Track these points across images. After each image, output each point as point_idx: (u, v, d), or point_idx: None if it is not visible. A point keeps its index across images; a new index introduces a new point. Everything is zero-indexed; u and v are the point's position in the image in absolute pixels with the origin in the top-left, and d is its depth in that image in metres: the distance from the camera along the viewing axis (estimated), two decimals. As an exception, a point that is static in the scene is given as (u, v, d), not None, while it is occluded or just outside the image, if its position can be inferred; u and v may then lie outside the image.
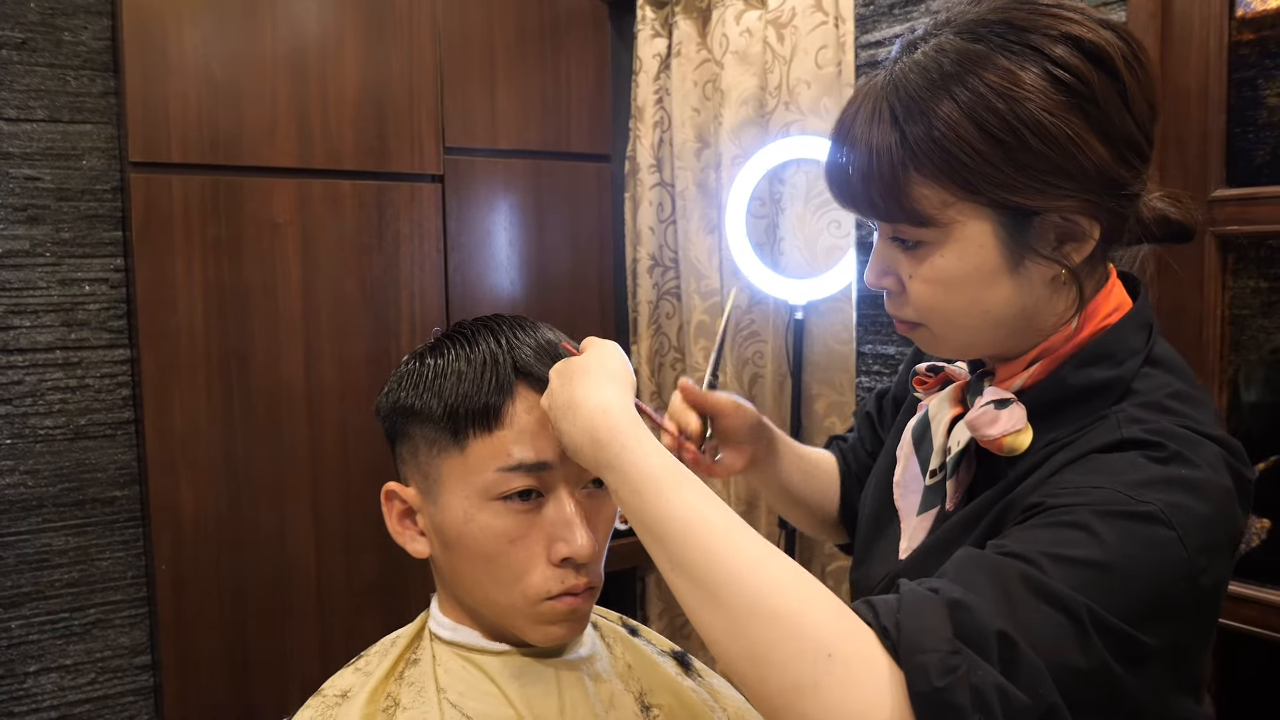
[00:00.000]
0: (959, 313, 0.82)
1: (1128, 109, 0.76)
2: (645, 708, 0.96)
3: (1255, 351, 1.50)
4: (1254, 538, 1.53)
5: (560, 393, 0.80)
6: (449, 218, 2.29)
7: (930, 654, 0.62)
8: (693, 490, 0.71)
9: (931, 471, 0.92)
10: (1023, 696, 0.62)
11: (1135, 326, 0.83)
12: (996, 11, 0.78)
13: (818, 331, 2.13)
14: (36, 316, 2.02)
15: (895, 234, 0.83)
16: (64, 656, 2.08)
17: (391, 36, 2.18)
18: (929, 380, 0.97)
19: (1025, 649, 0.63)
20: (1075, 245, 0.79)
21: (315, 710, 0.91)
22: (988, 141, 0.75)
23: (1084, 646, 0.65)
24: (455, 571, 0.89)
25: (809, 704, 0.63)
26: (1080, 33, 0.76)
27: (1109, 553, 0.68)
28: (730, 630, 0.67)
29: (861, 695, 0.62)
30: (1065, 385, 0.82)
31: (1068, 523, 0.70)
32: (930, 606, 0.65)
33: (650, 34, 2.44)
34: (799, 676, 0.63)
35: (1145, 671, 0.69)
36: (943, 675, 0.61)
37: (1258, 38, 1.45)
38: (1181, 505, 0.70)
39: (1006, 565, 0.68)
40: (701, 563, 0.69)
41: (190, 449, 2.02)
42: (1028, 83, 0.74)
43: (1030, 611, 0.65)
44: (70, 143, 2.03)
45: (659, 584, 2.59)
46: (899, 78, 0.79)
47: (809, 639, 0.64)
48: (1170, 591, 0.69)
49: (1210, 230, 1.48)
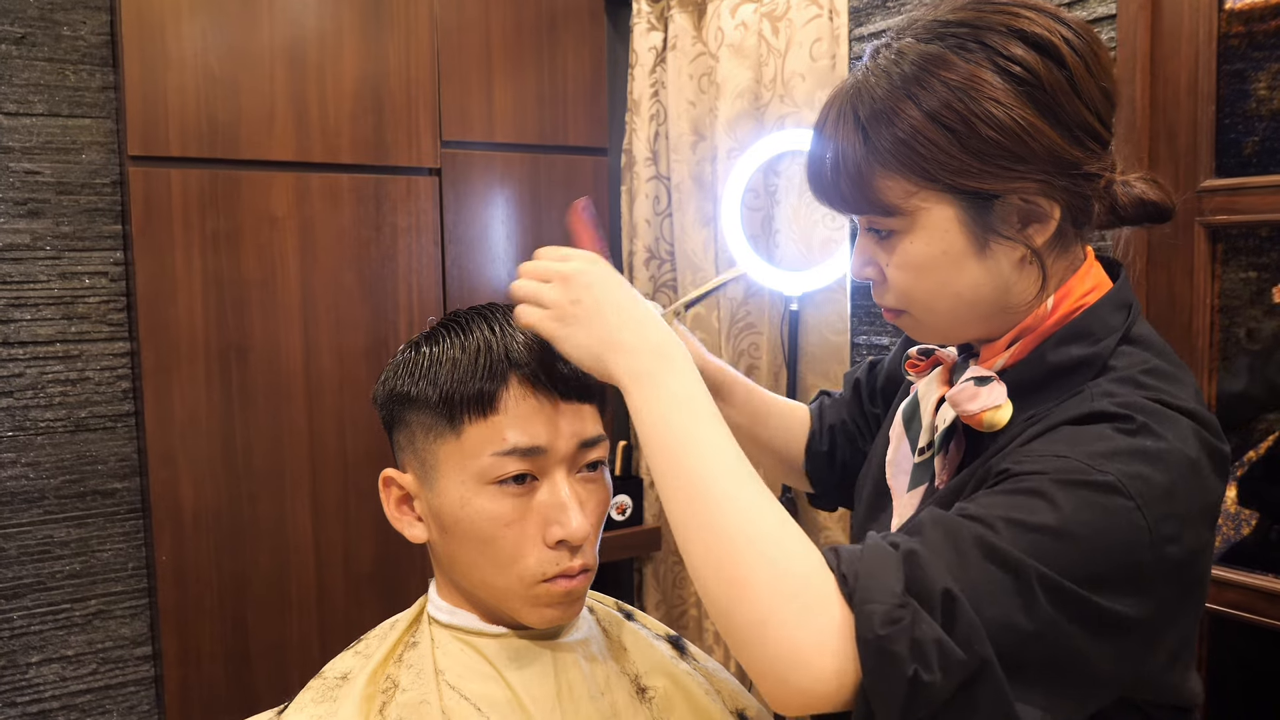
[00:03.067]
0: (932, 296, 0.86)
1: (1077, 95, 0.81)
2: (641, 690, 0.98)
3: (1244, 341, 1.52)
4: (1243, 525, 1.55)
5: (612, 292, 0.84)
6: (446, 211, 2.30)
7: (878, 604, 0.68)
8: (717, 421, 0.78)
9: (920, 449, 0.95)
10: (959, 651, 0.67)
11: (1114, 306, 0.86)
12: (955, 13, 0.84)
13: (813, 323, 2.14)
14: (37, 310, 2.04)
15: (870, 225, 0.88)
16: (65, 647, 2.09)
17: (389, 30, 2.19)
18: (920, 363, 1.00)
19: (966, 607, 0.68)
20: (1038, 226, 0.83)
21: (316, 692, 0.92)
22: (943, 133, 0.80)
23: (1028, 607, 0.69)
24: (452, 556, 0.91)
25: (771, 639, 0.70)
26: (1027, 27, 0.81)
27: (1063, 519, 0.71)
28: (713, 556, 0.74)
29: (816, 634, 0.69)
30: (1045, 362, 0.85)
31: (1027, 489, 0.73)
32: (886, 559, 0.71)
33: (646, 27, 2.45)
34: (766, 612, 0.70)
35: (1118, 641, 0.72)
36: (886, 625, 0.67)
37: (1247, 30, 1.46)
38: (1140, 475, 0.73)
39: (964, 527, 0.72)
40: (700, 484, 0.76)
41: (190, 441, 2.03)
42: (978, 76, 0.80)
43: (979, 572, 0.69)
44: (70, 137, 2.04)
45: (656, 574, 2.61)
46: (862, 82, 0.85)
47: (779, 575, 0.71)
48: (1134, 560, 0.72)
49: (1199, 220, 1.50)
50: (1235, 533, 1.54)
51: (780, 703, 0.71)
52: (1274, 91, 1.44)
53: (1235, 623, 1.51)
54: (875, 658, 0.67)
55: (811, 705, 0.70)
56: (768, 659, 0.70)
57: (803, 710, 0.70)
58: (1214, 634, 1.55)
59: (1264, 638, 1.50)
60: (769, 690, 0.71)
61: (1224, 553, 1.55)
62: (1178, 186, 1.52)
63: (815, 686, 0.69)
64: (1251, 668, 1.57)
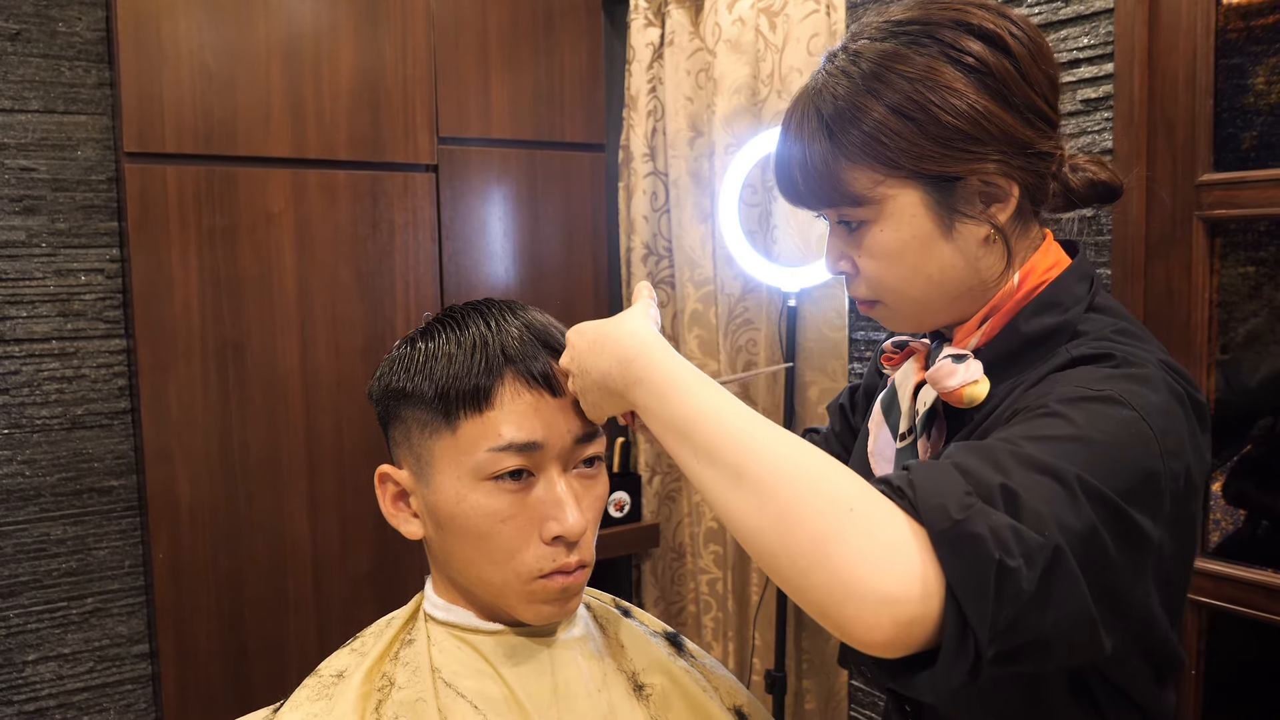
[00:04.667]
0: (905, 281, 0.90)
1: (1025, 80, 0.86)
2: (638, 687, 0.97)
3: (1242, 335, 1.51)
4: (1224, 522, 1.56)
5: (583, 342, 0.86)
6: (443, 207, 2.30)
7: (947, 497, 0.65)
8: (714, 389, 0.77)
9: (901, 435, 0.97)
10: (1035, 535, 0.65)
11: (1077, 278, 0.91)
12: (905, 13, 0.89)
13: (810, 319, 2.14)
14: (33, 307, 2.03)
15: (841, 218, 0.92)
16: (62, 645, 2.09)
17: (385, 26, 2.19)
18: (895, 356, 1.03)
19: (1027, 499, 0.66)
20: (999, 205, 0.88)
21: (311, 690, 0.92)
22: (905, 123, 0.84)
23: (1074, 506, 0.68)
24: (448, 552, 0.91)
25: (835, 554, 0.64)
26: (976, 21, 0.86)
27: (1083, 429, 0.73)
28: (757, 502, 0.69)
29: (886, 540, 0.64)
30: (1019, 334, 0.89)
31: (1039, 413, 0.76)
32: (938, 468, 0.69)
33: (643, 23, 2.45)
34: (824, 529, 0.65)
35: (1139, 559, 0.73)
36: (961, 510, 0.64)
37: (1245, 23, 1.46)
38: (1136, 392, 0.76)
39: (994, 445, 0.72)
40: (727, 444, 0.72)
41: (187, 438, 2.03)
42: (934, 68, 0.85)
43: (1024, 478, 0.68)
44: (65, 133, 2.04)
45: (655, 571, 2.61)
46: (823, 85, 0.89)
47: (831, 496, 0.66)
48: (1149, 469, 0.73)
49: (1198, 214, 1.49)
50: (1234, 526, 1.54)
51: (862, 625, 0.63)
52: (1272, 85, 1.44)
53: (1225, 614, 1.51)
54: (956, 544, 0.63)
55: (899, 619, 0.62)
56: (840, 577, 0.63)
57: (891, 633, 0.63)
58: (1208, 627, 1.55)
59: (1255, 630, 1.50)
60: (847, 613, 0.63)
61: (1215, 547, 1.55)
62: (1176, 181, 1.52)
63: (899, 591, 0.62)
64: (1241, 660, 1.57)
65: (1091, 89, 1.58)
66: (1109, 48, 1.55)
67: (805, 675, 2.24)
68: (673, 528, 2.55)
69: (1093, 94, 1.58)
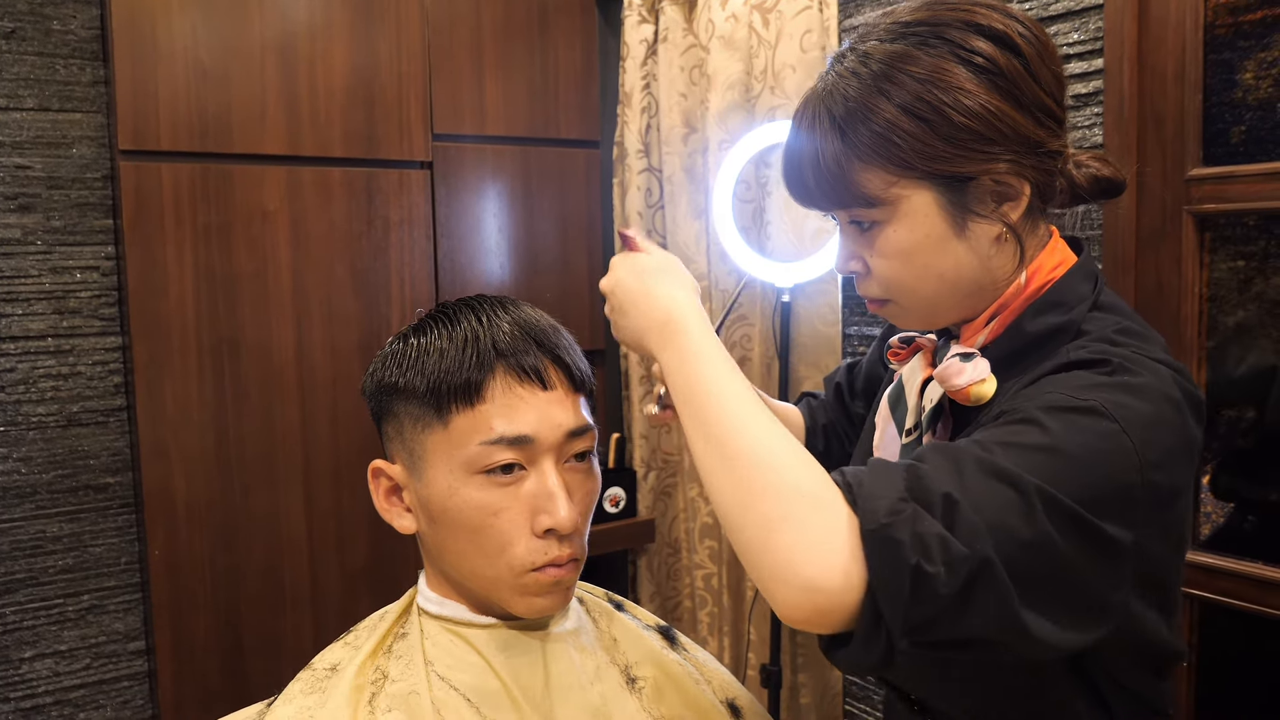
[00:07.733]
0: (918, 280, 0.90)
1: (1034, 79, 0.87)
2: (630, 680, 0.98)
3: (1232, 328, 1.52)
4: (1214, 515, 1.56)
5: (633, 283, 0.92)
6: (438, 204, 2.30)
7: (881, 500, 0.71)
8: (729, 369, 0.83)
9: (907, 430, 0.98)
10: (961, 546, 0.69)
11: (1082, 277, 0.91)
12: (912, 14, 0.89)
13: (804, 314, 2.15)
14: (28, 304, 2.03)
15: (852, 218, 0.92)
16: (59, 642, 2.10)
17: (379, 23, 2.19)
18: (902, 351, 1.03)
19: (967, 509, 0.70)
20: (1011, 204, 0.88)
21: (305, 684, 0.93)
22: (917, 124, 0.84)
23: (1027, 516, 0.71)
24: (441, 546, 0.91)
25: (779, 537, 0.72)
26: (983, 21, 0.86)
27: (1056, 440, 0.74)
28: (730, 479, 0.77)
29: (821, 530, 0.71)
30: (1024, 333, 0.89)
31: (1018, 419, 0.77)
32: (889, 469, 0.75)
33: (637, 20, 2.45)
34: (772, 512, 0.73)
35: (1113, 566, 0.75)
36: (888, 515, 0.70)
37: (1233, 19, 1.46)
38: (1123, 403, 0.77)
39: (963, 448, 0.75)
40: (716, 420, 0.80)
41: (182, 435, 2.03)
42: (944, 68, 0.85)
43: (978, 483, 0.72)
44: (60, 131, 2.04)
45: (650, 566, 2.61)
46: (832, 84, 0.89)
47: (788, 483, 0.74)
48: (1123, 482, 0.75)
49: (1187, 209, 1.50)
50: (1225, 519, 1.55)
51: (787, 605, 0.72)
52: (1260, 80, 1.45)
53: (1218, 608, 1.52)
54: (879, 547, 0.69)
55: (819, 605, 0.70)
56: (776, 559, 0.71)
57: (811, 615, 0.71)
58: (1201, 620, 1.56)
59: (1249, 622, 1.51)
60: (776, 593, 0.72)
61: (1205, 540, 1.56)
62: (1165, 175, 1.52)
63: (822, 580, 0.69)
64: (1235, 653, 1.58)
65: (1081, 84, 1.59)
66: (1099, 43, 1.56)
67: (800, 669, 2.25)
68: (668, 523, 2.55)
69: (1083, 89, 1.58)
